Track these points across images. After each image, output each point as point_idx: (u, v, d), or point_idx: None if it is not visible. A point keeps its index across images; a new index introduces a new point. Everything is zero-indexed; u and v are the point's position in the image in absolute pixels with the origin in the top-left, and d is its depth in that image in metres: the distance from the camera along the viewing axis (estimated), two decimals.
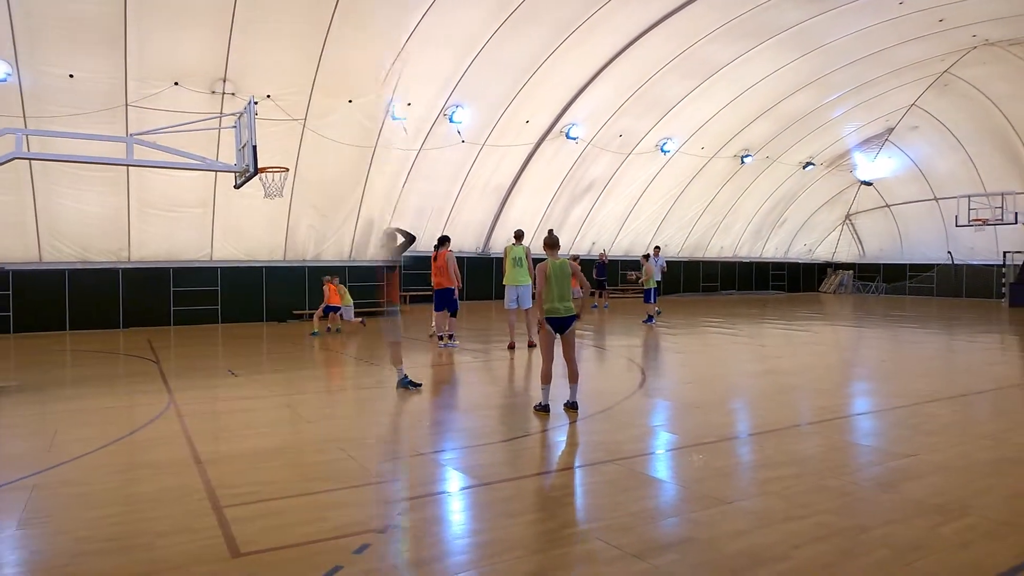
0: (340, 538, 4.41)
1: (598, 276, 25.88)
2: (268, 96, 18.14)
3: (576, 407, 7.73)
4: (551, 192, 27.47)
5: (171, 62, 16.85)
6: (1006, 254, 30.11)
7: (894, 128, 33.29)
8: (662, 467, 6.07)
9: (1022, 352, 15.04)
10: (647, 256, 21.26)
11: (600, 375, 11.22)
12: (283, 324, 21.03)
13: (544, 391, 7.71)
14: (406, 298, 24.22)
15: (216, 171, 14.42)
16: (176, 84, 17.16)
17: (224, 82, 17.65)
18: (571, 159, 26.54)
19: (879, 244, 38.69)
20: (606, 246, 31.41)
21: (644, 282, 20.26)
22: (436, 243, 14.31)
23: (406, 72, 20.41)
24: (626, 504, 5.04)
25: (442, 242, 14.08)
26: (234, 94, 17.73)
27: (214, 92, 17.70)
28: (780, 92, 27.14)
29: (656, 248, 24.79)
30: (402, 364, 9.58)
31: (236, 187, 12.40)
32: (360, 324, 18.57)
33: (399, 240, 10.11)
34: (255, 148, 11.10)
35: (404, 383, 9.37)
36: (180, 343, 16.29)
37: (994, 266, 32.66)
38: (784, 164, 32.98)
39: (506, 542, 4.29)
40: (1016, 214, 27.80)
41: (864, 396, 9.74)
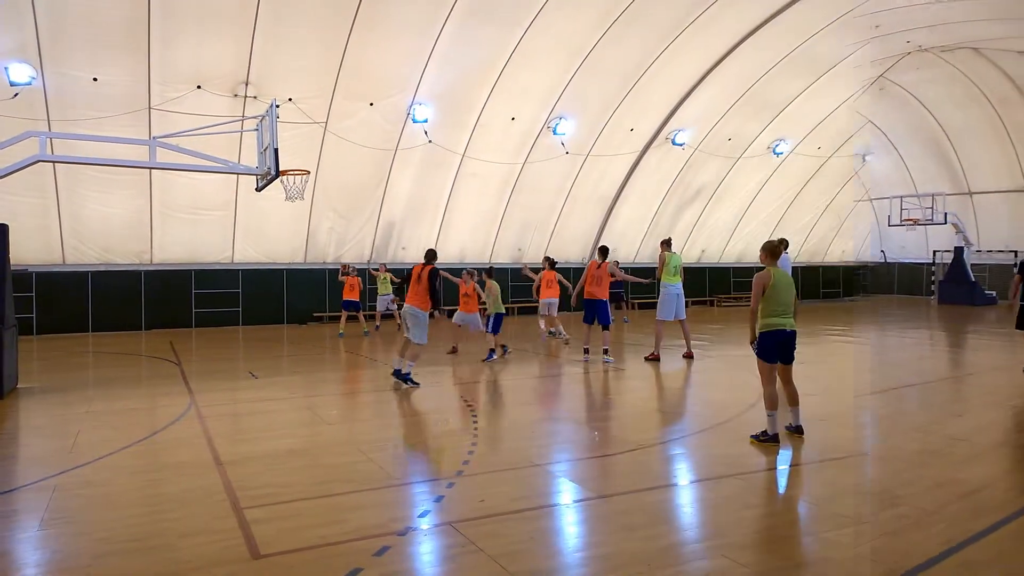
0: (360, 540, 4.39)
1: (613, 288, 24.85)
2: (290, 99, 18.34)
3: (801, 431, 6.91)
4: (658, 200, 26.98)
5: (194, 65, 17.18)
6: (936, 253, 31.18)
7: None
8: (789, 483, 5.73)
9: (949, 348, 15.31)
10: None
11: (714, 387, 10.83)
12: (304, 326, 21.38)
13: (772, 419, 6.63)
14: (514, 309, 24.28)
15: (238, 174, 14.69)
16: (199, 87, 17.52)
17: (246, 85, 17.91)
18: (678, 165, 25.99)
19: None
20: (717, 253, 30.58)
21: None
22: (597, 254, 13.38)
23: (509, 86, 20.56)
24: (752, 521, 4.78)
25: (603, 252, 13.29)
26: (256, 97, 18.01)
27: (236, 95, 17.99)
28: None
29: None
30: (414, 362, 10.24)
31: (257, 190, 12.58)
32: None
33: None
34: (277, 151, 11.20)
35: (405, 377, 10.09)
36: (201, 345, 16.72)
37: (924, 264, 33.02)
38: None
39: (625, 556, 4.13)
40: (945, 214, 28.56)
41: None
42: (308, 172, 14.20)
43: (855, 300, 34.02)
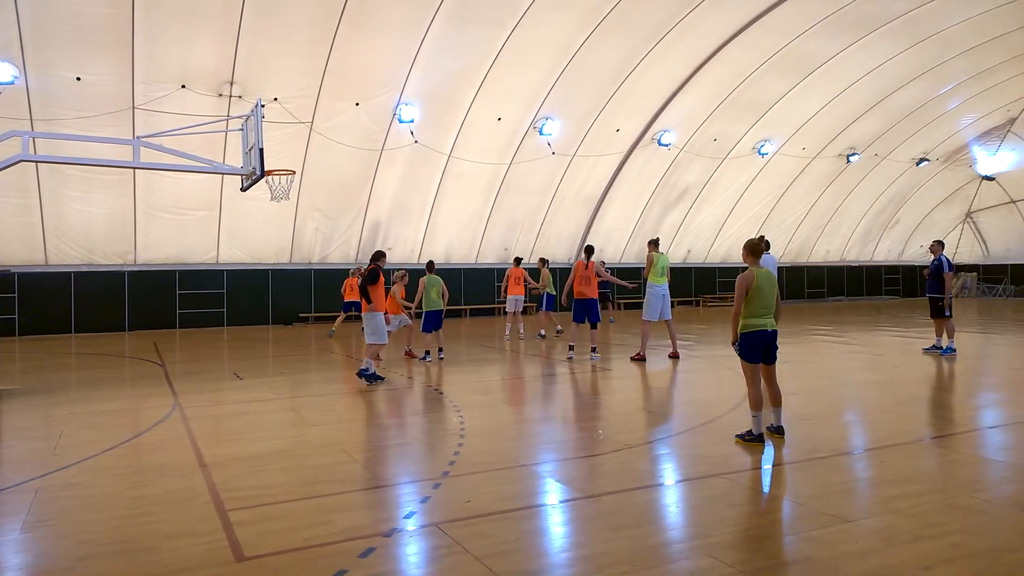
0: (345, 541, 4.38)
1: (600, 288, 24.88)
2: (275, 99, 18.36)
3: (782, 431, 6.84)
4: (644, 200, 27.12)
5: (178, 65, 17.13)
6: None
7: (1016, 118, 31.10)
8: (773, 482, 5.77)
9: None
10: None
11: (700, 387, 10.88)
12: (289, 327, 21.34)
13: (756, 419, 6.65)
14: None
15: (223, 174, 14.66)
16: (183, 87, 17.49)
17: (231, 85, 17.90)
18: (663, 166, 26.13)
19: (1005, 243, 36.17)
20: (702, 253, 30.73)
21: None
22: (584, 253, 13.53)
23: (495, 87, 20.58)
24: (737, 520, 4.80)
25: (588, 252, 13.48)
26: (241, 97, 18.00)
27: (221, 95, 17.97)
28: (887, 86, 25.88)
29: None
30: (378, 361, 10.67)
31: (243, 190, 12.59)
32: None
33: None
34: (262, 151, 11.22)
35: (367, 374, 10.37)
36: (185, 346, 16.65)
37: None
38: (894, 161, 31.39)
39: (611, 556, 4.15)
40: None
41: (994, 407, 9.02)
42: (293, 172, 14.16)
43: (839, 300, 34.22)
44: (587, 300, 13.08)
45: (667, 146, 25.07)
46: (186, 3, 16.11)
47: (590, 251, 13.49)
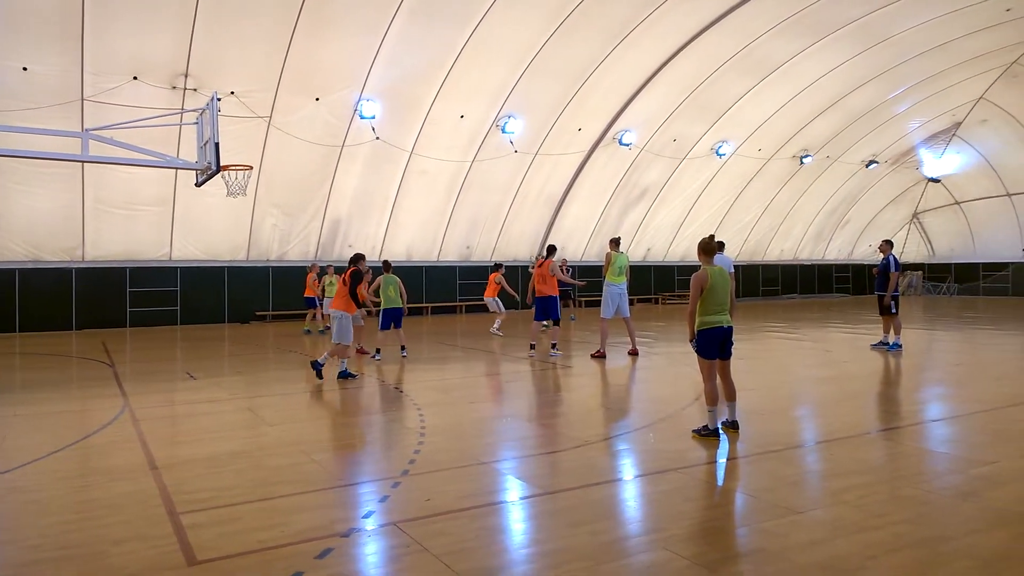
0: (302, 543, 4.35)
1: (562, 286, 25.26)
2: (232, 93, 18.03)
3: (737, 426, 7.02)
4: (604, 199, 27.35)
5: (130, 56, 16.70)
6: None
7: (961, 122, 32.18)
8: (727, 476, 5.90)
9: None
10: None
11: (658, 384, 11.05)
12: (246, 325, 21.10)
13: (712, 414, 6.82)
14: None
15: (176, 168, 14.39)
16: (135, 78, 17.04)
17: (186, 77, 17.50)
18: (624, 165, 26.38)
19: (949, 243, 37.32)
20: (662, 252, 31.11)
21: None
22: (545, 252, 13.87)
23: (458, 84, 20.55)
24: (692, 514, 4.92)
25: (550, 251, 13.74)
26: (196, 90, 17.62)
27: (175, 87, 17.58)
28: (841, 89, 26.53)
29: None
30: (346, 358, 10.81)
31: (197, 185, 12.41)
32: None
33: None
34: (217, 145, 11.07)
35: (317, 365, 10.51)
36: (136, 345, 16.34)
37: None
38: (845, 163, 32.18)
39: (570, 552, 4.22)
40: None
41: (938, 401, 9.34)
42: (251, 167, 13.96)
43: (792, 299, 34.91)
44: (545, 298, 13.29)
45: (628, 146, 25.32)
46: None
47: (551, 250, 13.70)
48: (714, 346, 6.86)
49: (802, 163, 30.62)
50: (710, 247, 7.04)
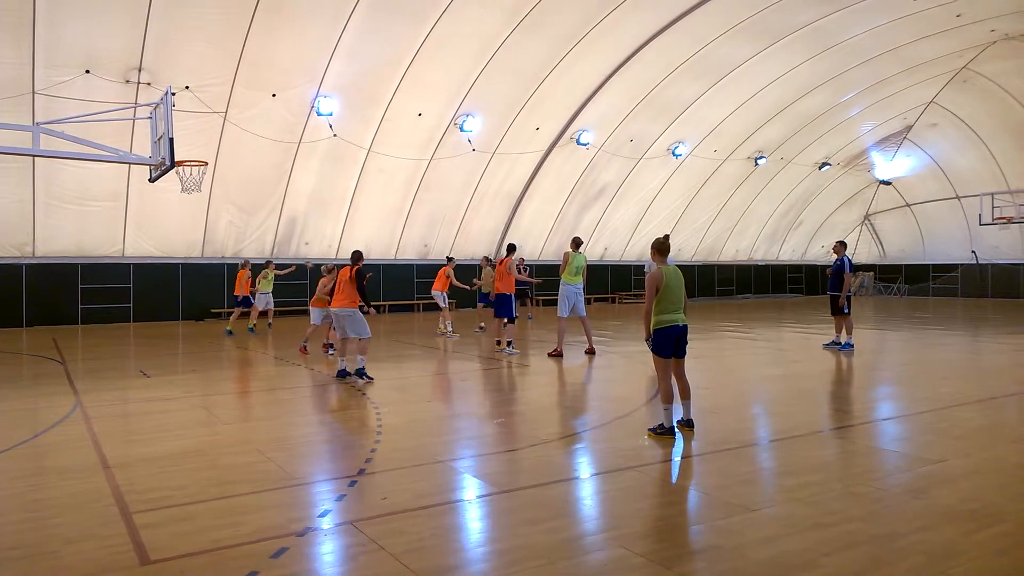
0: (257, 542, 4.31)
1: (519, 285, 25.43)
2: (187, 87, 17.72)
3: (692, 424, 7.02)
4: (562, 199, 27.46)
5: (82, 49, 16.36)
6: None
7: (912, 126, 33.04)
8: (682, 474, 5.95)
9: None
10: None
11: (614, 383, 11.11)
12: (200, 323, 20.84)
13: (668, 412, 6.84)
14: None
15: (129, 163, 14.12)
16: (87, 72, 16.71)
17: (139, 71, 17.19)
18: (582, 165, 26.52)
19: (900, 244, 38.33)
20: (619, 251, 31.33)
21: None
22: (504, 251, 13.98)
23: (416, 82, 20.42)
24: (647, 512, 4.94)
25: (510, 249, 13.81)
26: (150, 84, 17.33)
27: (128, 81, 17.26)
28: (794, 92, 27.03)
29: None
30: (364, 356, 10.44)
31: (151, 180, 12.23)
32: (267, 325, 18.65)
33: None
34: (172, 141, 10.88)
35: (362, 372, 10.24)
36: (88, 343, 16.05)
37: (1020, 265, 32.78)
38: (799, 165, 32.81)
39: (527, 550, 4.19)
40: None
41: (888, 400, 9.56)
42: (206, 163, 13.70)
43: (747, 298, 35.47)
44: (501, 295, 13.46)
45: (585, 145, 25.45)
46: None
47: (511, 249, 13.76)
48: (670, 345, 6.91)
49: (756, 164, 31.12)
50: (664, 247, 7.10)
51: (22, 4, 15.05)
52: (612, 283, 31.42)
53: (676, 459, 6.25)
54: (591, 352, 13.18)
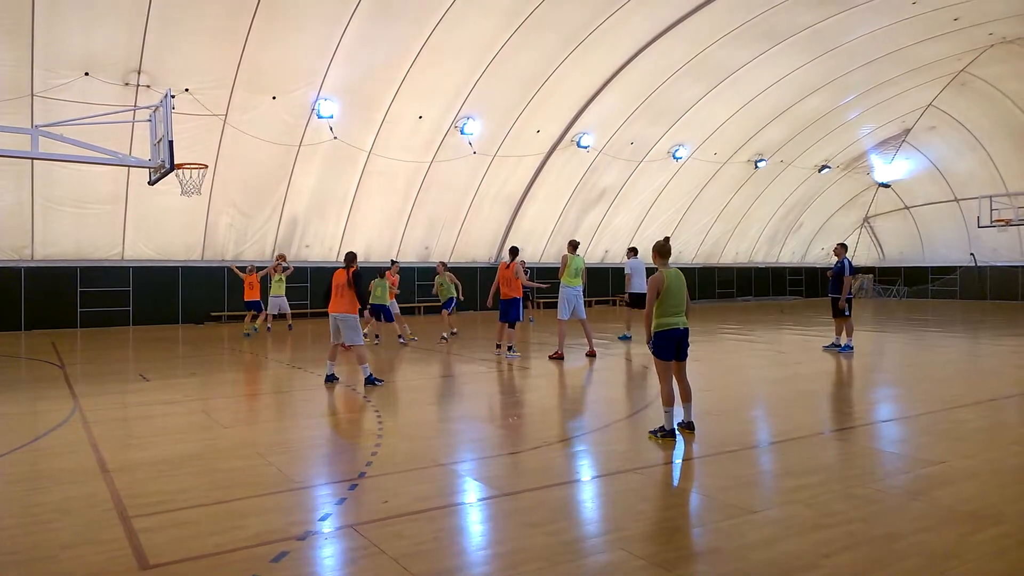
0: (257, 546, 4.29)
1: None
2: (186, 90, 17.73)
3: (692, 427, 7.03)
4: (563, 201, 27.47)
5: (82, 51, 16.35)
6: None
7: (911, 129, 33.05)
8: (682, 476, 5.95)
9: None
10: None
11: (615, 385, 11.11)
12: (200, 326, 20.80)
13: (668, 415, 6.83)
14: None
15: (129, 166, 14.11)
16: (87, 74, 16.71)
17: (139, 74, 17.18)
18: (582, 168, 26.53)
19: (899, 247, 38.33)
20: (619, 254, 31.33)
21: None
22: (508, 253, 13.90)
23: (416, 84, 20.45)
24: (648, 514, 4.94)
25: (513, 253, 13.75)
26: (149, 87, 17.31)
27: (128, 84, 17.26)
28: (793, 95, 27.04)
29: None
30: (366, 363, 10.22)
31: (151, 183, 12.20)
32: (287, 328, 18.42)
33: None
34: (171, 143, 10.86)
35: (371, 379, 10.06)
36: (87, 346, 16.04)
37: (1018, 267, 32.76)
38: (799, 168, 32.82)
39: (527, 552, 4.20)
40: None
41: (888, 402, 9.57)
42: (205, 166, 13.69)
43: (747, 300, 35.46)
44: (507, 300, 13.39)
45: (586, 148, 25.47)
46: None
47: (514, 252, 13.76)
48: (671, 347, 6.92)
49: (756, 167, 31.14)
50: (665, 250, 7.11)
51: (21, 6, 15.06)
52: (613, 286, 31.42)
53: (677, 461, 6.26)
54: (592, 355, 13.19)
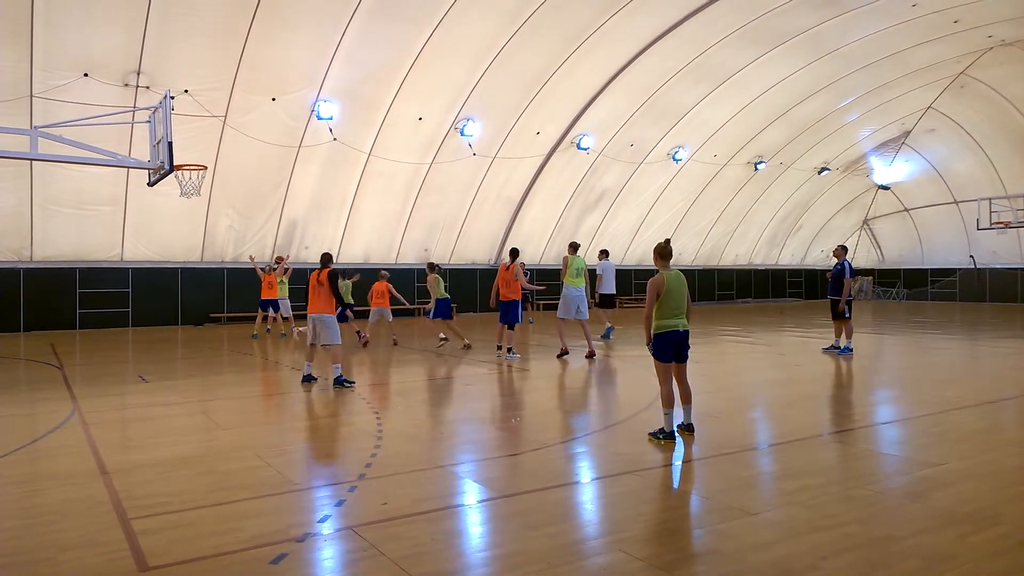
0: (256, 548, 4.29)
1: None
2: (186, 91, 17.72)
3: (692, 428, 7.04)
4: (563, 203, 27.48)
5: (81, 52, 16.33)
6: None
7: (911, 131, 33.09)
8: (682, 478, 5.96)
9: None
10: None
11: (614, 387, 11.12)
12: (200, 328, 20.79)
13: (668, 416, 6.84)
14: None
15: (128, 168, 14.11)
16: (86, 75, 16.69)
17: (138, 75, 17.17)
18: (582, 170, 26.54)
19: (899, 249, 38.35)
20: (619, 256, 31.31)
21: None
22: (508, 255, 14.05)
23: (416, 86, 20.47)
24: (648, 516, 4.94)
25: (513, 255, 13.88)
26: (148, 88, 17.29)
27: (127, 85, 17.25)
28: (793, 97, 27.06)
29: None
30: (339, 363, 10.27)
31: (150, 184, 12.20)
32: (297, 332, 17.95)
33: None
34: (171, 144, 10.88)
35: (340, 380, 10.07)
36: (87, 348, 16.03)
37: (1018, 270, 32.76)
38: (798, 170, 32.84)
39: (527, 554, 4.20)
40: None
41: (887, 404, 9.57)
42: (205, 167, 13.69)
43: (747, 302, 35.46)
44: (507, 301, 13.47)
45: (586, 150, 25.49)
46: None
47: (514, 254, 13.84)
48: (670, 349, 6.92)
49: (756, 169, 31.16)
50: (666, 251, 7.10)
51: (20, 6, 15.06)
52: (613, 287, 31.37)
53: (676, 463, 6.26)
54: (591, 356, 13.21)
